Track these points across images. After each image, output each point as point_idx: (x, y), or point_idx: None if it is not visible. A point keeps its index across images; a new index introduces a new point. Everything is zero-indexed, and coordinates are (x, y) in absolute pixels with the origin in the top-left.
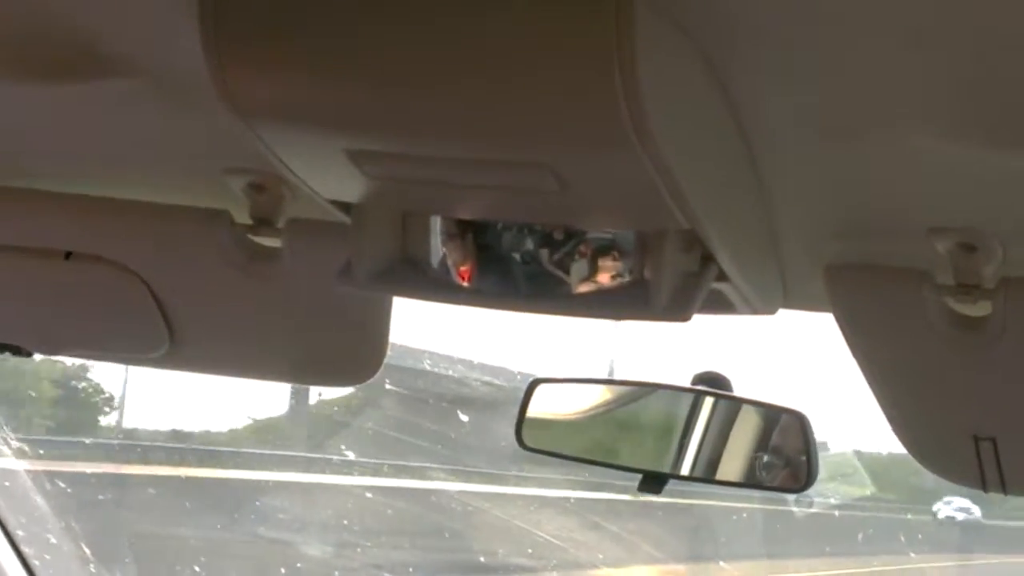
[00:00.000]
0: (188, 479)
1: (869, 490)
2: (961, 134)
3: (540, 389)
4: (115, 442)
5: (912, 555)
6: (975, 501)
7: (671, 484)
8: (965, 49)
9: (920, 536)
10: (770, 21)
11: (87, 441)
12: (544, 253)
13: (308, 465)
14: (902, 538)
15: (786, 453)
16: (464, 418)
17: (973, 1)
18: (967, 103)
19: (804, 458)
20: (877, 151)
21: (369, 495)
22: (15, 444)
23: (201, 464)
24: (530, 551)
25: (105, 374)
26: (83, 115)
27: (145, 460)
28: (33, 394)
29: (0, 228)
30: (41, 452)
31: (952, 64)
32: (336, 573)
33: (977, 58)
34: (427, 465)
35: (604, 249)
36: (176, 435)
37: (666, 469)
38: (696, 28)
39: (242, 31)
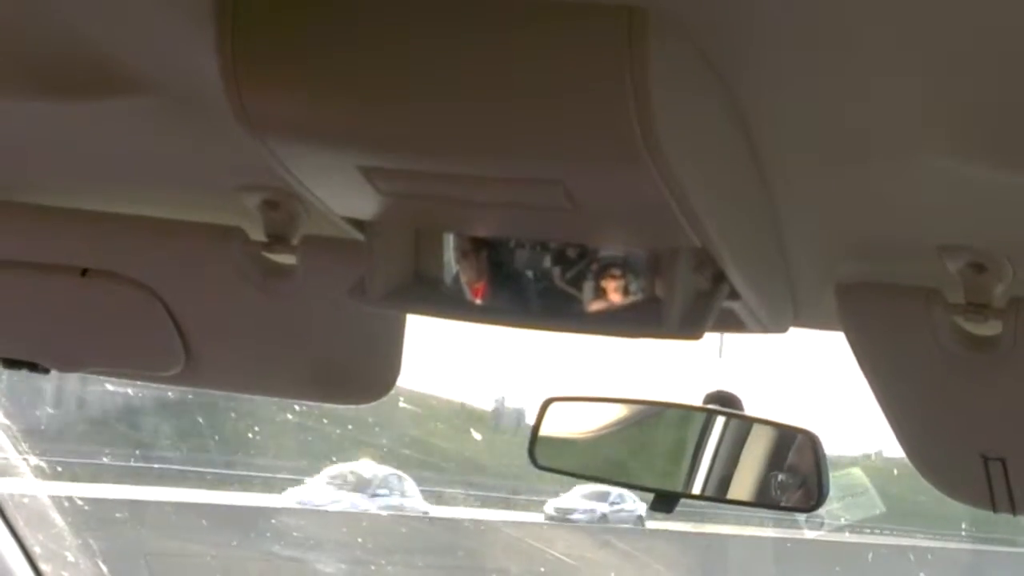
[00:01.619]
0: None
1: (879, 510)
2: (972, 153)
3: (553, 407)
4: None
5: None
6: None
7: (682, 504)
8: (976, 69)
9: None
10: (782, 42)
11: None
12: (557, 271)
13: None
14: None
15: (797, 472)
16: None
17: (984, 22)
18: (978, 122)
19: (815, 477)
20: (888, 170)
21: None
22: (33, 463)
23: None
24: (542, 570)
25: None
26: (98, 132)
27: None
28: None
29: (17, 245)
30: None
31: (963, 84)
32: None
33: (989, 78)
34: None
35: (616, 267)
36: None
37: (678, 488)
38: (708, 47)
39: (258, 50)
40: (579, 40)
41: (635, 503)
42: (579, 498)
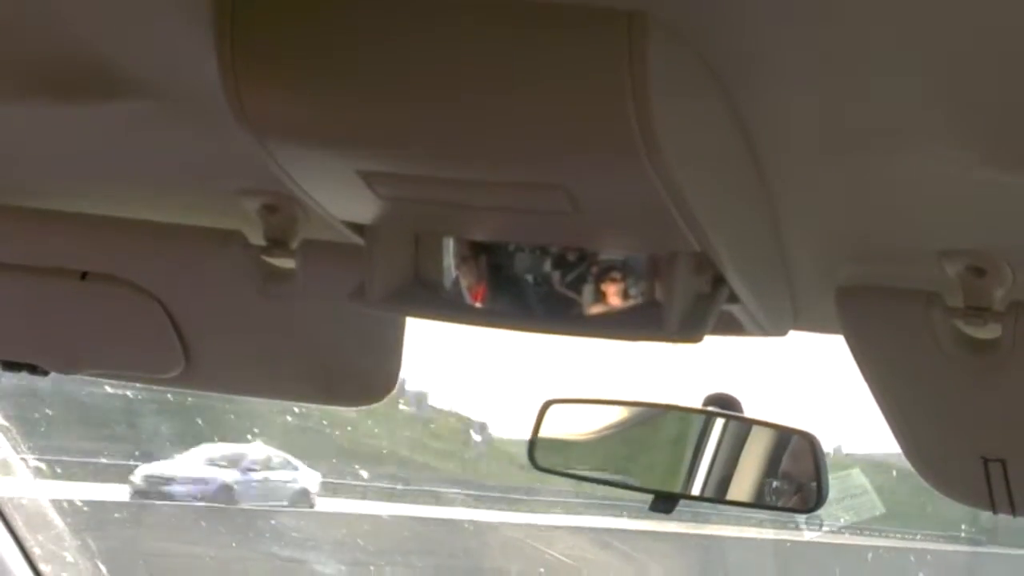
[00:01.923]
0: None
1: (879, 511)
2: (973, 156)
3: (552, 409)
4: None
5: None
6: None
7: (682, 504)
8: (977, 72)
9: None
10: (781, 46)
11: None
12: (556, 274)
13: None
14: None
15: (796, 474)
16: None
17: (985, 22)
18: (979, 125)
19: (814, 478)
20: (888, 173)
21: None
22: (33, 464)
23: None
24: (542, 570)
25: None
26: (98, 136)
27: None
28: None
29: (16, 248)
30: None
31: (964, 85)
32: None
33: (990, 81)
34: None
35: (616, 271)
36: None
37: (677, 489)
38: (708, 51)
39: (258, 52)
40: (578, 44)
41: (297, 472)
42: (199, 463)
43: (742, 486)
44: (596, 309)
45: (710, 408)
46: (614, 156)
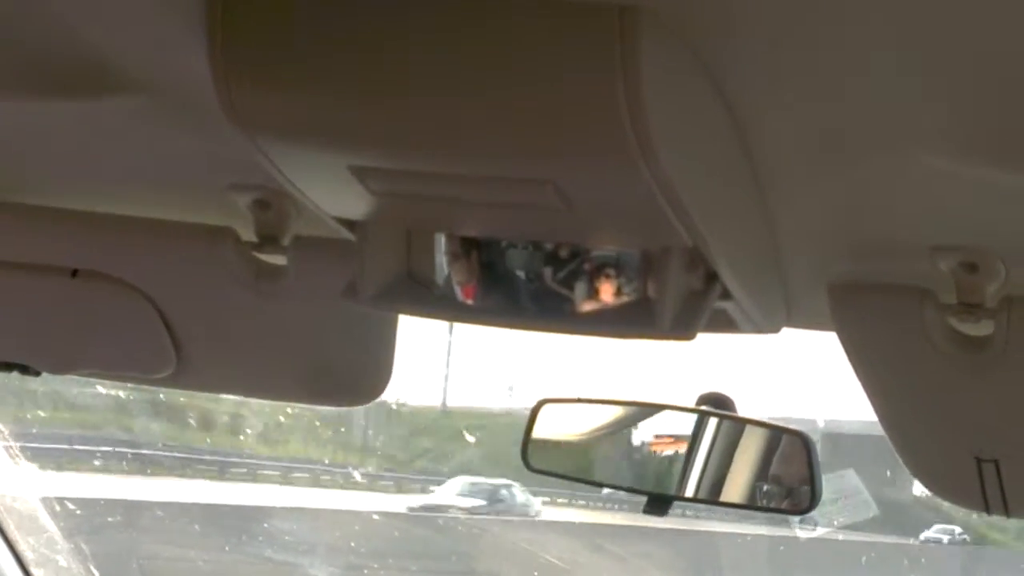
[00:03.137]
0: None
1: (873, 513)
2: (965, 153)
3: (545, 409)
4: None
5: None
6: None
7: (676, 505)
8: (968, 69)
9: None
10: (775, 41)
11: None
12: (548, 271)
13: None
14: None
15: (789, 475)
16: None
17: (975, 22)
18: (971, 122)
19: (808, 479)
20: (881, 170)
21: None
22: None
23: None
24: (535, 574)
25: None
26: (88, 132)
27: None
28: None
29: (5, 245)
30: None
31: (955, 84)
32: None
33: (980, 78)
34: None
35: (608, 267)
36: None
37: (671, 490)
38: (700, 47)
39: (248, 49)
40: (570, 38)
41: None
42: None
43: (736, 487)
44: (588, 306)
45: (703, 407)
46: (606, 151)
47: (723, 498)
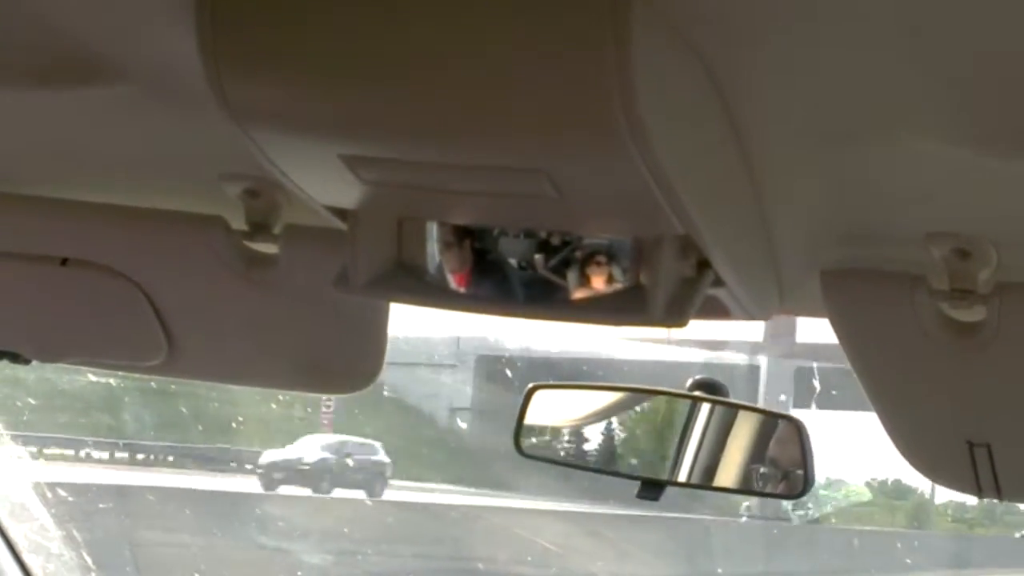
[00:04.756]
0: None
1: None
2: (958, 140)
3: (538, 395)
4: None
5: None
6: None
7: (669, 492)
8: (962, 55)
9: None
10: (767, 26)
11: None
12: (540, 259)
13: None
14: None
15: (785, 458)
16: None
17: (971, 8)
18: (964, 109)
19: (801, 464)
20: (874, 156)
21: None
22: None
23: None
24: (530, 559)
25: None
26: (79, 121)
27: None
28: None
29: None
30: None
31: (949, 70)
32: None
33: (974, 64)
34: None
35: (600, 255)
36: None
37: (664, 476)
38: (693, 33)
39: (239, 37)
40: (560, 25)
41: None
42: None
43: (729, 472)
44: (581, 294)
45: (696, 393)
46: (596, 138)
47: (716, 483)
